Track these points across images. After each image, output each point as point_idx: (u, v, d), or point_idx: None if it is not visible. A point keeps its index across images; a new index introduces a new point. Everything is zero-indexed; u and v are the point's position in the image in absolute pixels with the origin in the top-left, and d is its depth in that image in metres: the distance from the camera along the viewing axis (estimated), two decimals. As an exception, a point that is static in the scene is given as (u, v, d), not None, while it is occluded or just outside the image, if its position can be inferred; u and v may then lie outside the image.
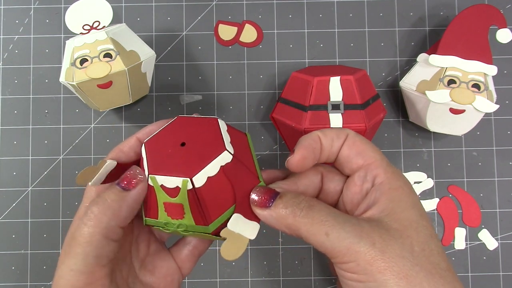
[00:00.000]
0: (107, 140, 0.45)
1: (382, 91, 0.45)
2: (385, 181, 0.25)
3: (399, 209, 0.24)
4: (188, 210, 0.25)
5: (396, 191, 0.25)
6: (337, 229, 0.23)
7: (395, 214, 0.24)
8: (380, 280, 0.22)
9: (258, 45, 0.46)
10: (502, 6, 0.45)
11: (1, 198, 0.44)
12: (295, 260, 0.44)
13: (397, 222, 0.24)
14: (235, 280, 0.44)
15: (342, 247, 0.23)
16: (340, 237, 0.23)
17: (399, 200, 0.24)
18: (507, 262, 0.44)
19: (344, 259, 0.23)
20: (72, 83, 0.37)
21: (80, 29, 0.39)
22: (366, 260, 0.22)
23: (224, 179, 0.25)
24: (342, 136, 0.27)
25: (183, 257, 0.31)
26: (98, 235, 0.24)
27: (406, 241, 0.23)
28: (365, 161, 0.26)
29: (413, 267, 0.22)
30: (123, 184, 0.25)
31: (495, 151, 0.45)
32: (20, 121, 0.45)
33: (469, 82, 0.39)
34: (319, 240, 0.23)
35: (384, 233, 0.23)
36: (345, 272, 0.23)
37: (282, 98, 0.41)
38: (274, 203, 0.25)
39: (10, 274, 0.44)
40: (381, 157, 0.26)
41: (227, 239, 0.25)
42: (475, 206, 0.44)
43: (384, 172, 0.25)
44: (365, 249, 0.22)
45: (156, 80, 0.45)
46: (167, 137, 0.27)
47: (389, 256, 0.22)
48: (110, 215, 0.24)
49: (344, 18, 0.46)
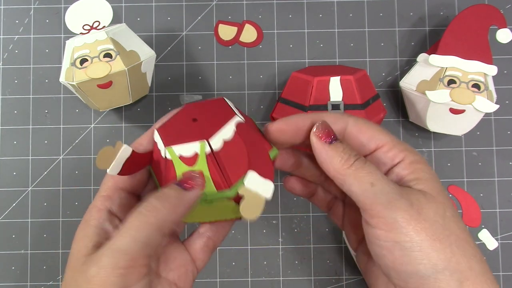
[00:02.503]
0: (107, 140, 0.45)
1: (382, 91, 0.45)
2: (404, 158, 0.26)
3: (425, 178, 0.25)
4: (208, 176, 0.25)
5: (417, 164, 0.26)
6: (382, 183, 0.24)
7: (424, 183, 0.25)
8: (416, 240, 0.23)
9: (258, 45, 0.46)
10: (502, 6, 0.45)
11: (1, 198, 0.44)
12: (295, 260, 0.44)
13: (429, 189, 0.25)
14: (235, 280, 0.44)
15: (383, 199, 0.23)
16: (384, 190, 0.24)
17: (422, 171, 0.25)
18: (507, 262, 0.44)
19: (382, 213, 0.23)
20: (72, 83, 0.37)
21: (80, 29, 0.39)
22: (404, 218, 0.23)
23: (239, 142, 0.26)
24: (340, 123, 0.27)
25: (197, 249, 0.31)
26: (153, 225, 0.24)
27: (440, 206, 0.24)
28: (377, 145, 0.27)
29: (444, 231, 0.23)
30: (182, 184, 0.25)
31: (495, 151, 0.45)
32: (20, 121, 0.45)
33: (469, 82, 0.39)
34: (364, 188, 0.24)
35: (421, 196, 0.24)
36: (379, 230, 0.24)
37: (282, 98, 0.41)
38: (335, 143, 0.26)
39: (10, 274, 0.44)
40: (391, 137, 0.27)
41: (245, 197, 0.25)
42: (475, 206, 0.44)
43: (399, 151, 0.26)
44: (405, 206, 0.23)
45: (156, 80, 0.45)
46: (178, 119, 0.28)
47: (424, 218, 0.23)
48: (168, 209, 0.25)
49: (344, 18, 0.46)
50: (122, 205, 0.28)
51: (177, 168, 0.26)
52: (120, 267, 0.23)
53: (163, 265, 0.30)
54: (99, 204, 0.27)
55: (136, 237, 0.24)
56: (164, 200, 0.25)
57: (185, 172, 0.26)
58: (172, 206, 0.25)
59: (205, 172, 0.25)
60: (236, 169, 0.26)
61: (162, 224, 0.24)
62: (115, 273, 0.23)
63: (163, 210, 0.24)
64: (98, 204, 0.27)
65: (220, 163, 0.25)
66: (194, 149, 0.25)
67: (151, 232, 0.24)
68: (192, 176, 0.26)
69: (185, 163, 0.25)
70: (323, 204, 0.32)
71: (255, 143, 0.27)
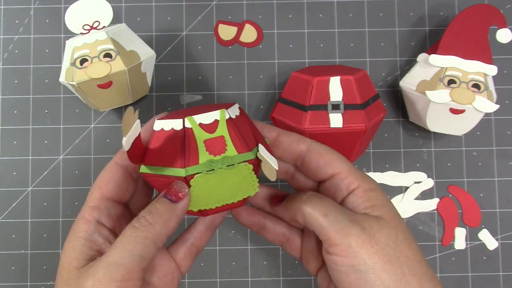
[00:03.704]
0: (107, 140, 0.45)
1: (382, 91, 0.45)
2: (359, 186, 0.28)
3: (379, 205, 0.27)
4: (229, 140, 0.26)
5: (371, 192, 0.27)
6: (334, 212, 0.26)
7: (379, 209, 0.27)
8: (369, 263, 0.24)
9: (258, 45, 0.46)
10: (502, 6, 0.45)
11: (1, 198, 0.44)
12: (295, 260, 0.44)
13: (383, 214, 0.27)
14: (235, 280, 0.44)
15: (337, 227, 0.25)
16: (337, 219, 0.26)
17: (376, 198, 0.27)
18: (507, 262, 0.44)
19: (337, 240, 0.25)
20: (72, 83, 0.37)
21: (80, 29, 0.39)
22: (357, 242, 0.25)
23: (246, 120, 0.28)
24: (302, 145, 0.30)
25: (182, 255, 0.32)
26: (148, 239, 0.25)
27: (392, 230, 0.26)
28: (334, 172, 0.29)
29: (395, 253, 0.25)
30: (171, 197, 0.26)
31: (495, 151, 0.45)
32: (20, 121, 0.45)
33: (469, 82, 0.39)
34: (319, 219, 0.26)
35: (374, 222, 0.26)
36: (337, 256, 0.26)
37: (282, 98, 0.41)
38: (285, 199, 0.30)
39: (10, 274, 0.44)
40: (348, 165, 0.29)
41: (262, 161, 0.27)
42: (475, 206, 0.44)
43: (355, 179, 0.28)
44: (357, 231, 0.25)
45: (156, 80, 0.45)
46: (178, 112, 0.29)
47: (376, 242, 0.25)
48: (162, 224, 0.26)
49: (344, 18, 0.46)
50: (110, 215, 0.28)
51: (197, 135, 0.26)
52: (117, 280, 0.24)
53: (150, 272, 0.30)
54: (87, 215, 0.28)
55: (132, 251, 0.25)
56: (158, 216, 0.26)
57: (174, 182, 0.27)
58: (164, 221, 0.26)
59: (226, 136, 0.26)
60: (250, 139, 0.27)
61: (157, 238, 0.25)
62: (112, 286, 0.24)
63: (157, 225, 0.26)
64: (86, 215, 0.28)
65: (239, 129, 0.27)
66: (214, 117, 0.27)
67: (147, 246, 0.25)
68: (179, 187, 0.26)
69: (205, 130, 0.26)
70: (276, 237, 0.32)
71: (253, 126, 0.29)
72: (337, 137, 0.37)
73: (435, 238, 0.44)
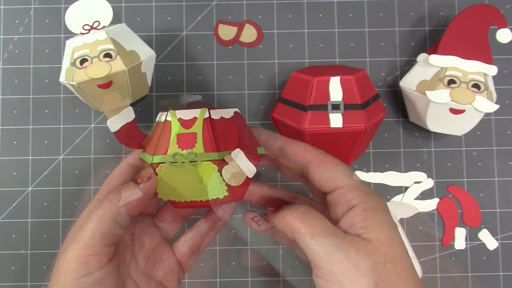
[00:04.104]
0: (107, 140, 0.45)
1: (382, 91, 0.45)
2: (359, 203, 0.27)
3: (374, 227, 0.26)
4: (200, 138, 0.28)
5: (370, 211, 0.27)
6: (321, 236, 0.26)
7: (372, 232, 0.26)
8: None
9: (258, 45, 0.46)
10: (502, 6, 0.45)
11: (1, 198, 0.44)
12: (295, 260, 0.44)
13: (374, 239, 0.25)
14: (235, 280, 0.44)
15: (322, 251, 0.25)
16: (323, 242, 0.25)
17: (373, 219, 0.26)
18: (507, 262, 0.44)
19: (321, 264, 0.25)
20: (72, 83, 0.37)
21: (80, 29, 0.39)
22: (340, 269, 0.24)
23: (234, 124, 0.29)
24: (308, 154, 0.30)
25: (183, 252, 0.34)
26: (109, 216, 0.28)
27: (380, 257, 0.25)
28: (336, 185, 0.28)
29: (382, 282, 0.24)
30: (137, 180, 0.29)
31: (495, 151, 0.45)
32: (20, 121, 0.45)
33: (469, 82, 0.39)
34: (306, 240, 0.26)
35: (361, 248, 0.25)
36: (321, 280, 0.25)
37: (282, 98, 0.41)
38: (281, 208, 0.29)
39: (10, 274, 0.44)
40: (352, 180, 0.28)
41: (229, 163, 0.28)
42: (475, 206, 0.44)
43: (357, 195, 0.27)
44: (341, 258, 0.24)
45: (156, 80, 0.45)
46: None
47: (360, 270, 0.24)
48: (121, 201, 0.28)
49: (344, 18, 0.46)
50: None
51: (173, 127, 0.28)
52: (82, 256, 0.26)
53: (151, 265, 0.32)
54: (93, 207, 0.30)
55: (95, 228, 0.27)
56: (119, 196, 0.28)
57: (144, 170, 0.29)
58: (124, 199, 0.28)
59: (199, 134, 0.28)
60: (227, 142, 0.28)
61: (117, 215, 0.28)
62: (76, 262, 0.26)
63: (115, 203, 0.28)
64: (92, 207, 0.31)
65: (214, 130, 0.28)
66: (194, 114, 0.28)
67: (106, 223, 0.27)
68: (146, 172, 0.29)
69: (182, 125, 0.28)
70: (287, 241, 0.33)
71: (246, 133, 0.30)
72: (337, 137, 0.37)
73: (435, 238, 0.44)
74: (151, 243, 0.33)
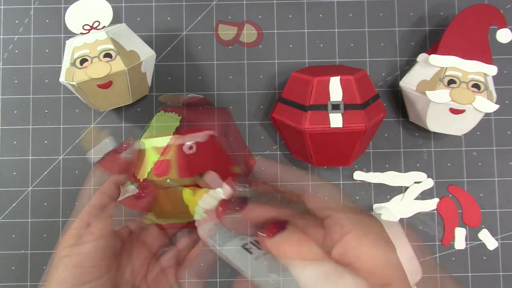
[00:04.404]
0: (107, 140, 0.45)
1: (382, 91, 0.45)
2: (351, 232, 0.27)
3: (365, 255, 0.26)
4: (175, 165, 0.29)
5: (362, 239, 0.27)
6: (311, 267, 0.27)
7: (361, 262, 0.26)
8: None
9: (258, 45, 0.46)
10: (502, 6, 0.45)
11: (1, 198, 0.44)
12: (295, 260, 0.44)
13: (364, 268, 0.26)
14: (235, 280, 0.44)
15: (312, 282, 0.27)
16: (311, 275, 0.27)
17: (365, 246, 0.26)
18: (507, 262, 0.44)
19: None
20: (72, 83, 0.37)
21: (80, 29, 0.39)
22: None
23: (210, 148, 0.31)
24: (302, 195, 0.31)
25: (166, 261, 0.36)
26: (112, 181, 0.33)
27: (376, 282, 0.25)
28: (329, 212, 0.29)
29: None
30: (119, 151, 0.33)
31: (495, 151, 0.45)
32: (20, 121, 0.45)
33: (469, 82, 0.39)
34: (297, 271, 0.28)
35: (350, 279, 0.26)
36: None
37: (282, 98, 0.41)
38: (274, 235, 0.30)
39: (10, 274, 0.44)
40: (343, 208, 0.28)
41: (202, 188, 0.29)
42: (475, 206, 0.44)
43: (349, 222, 0.27)
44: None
45: (156, 80, 0.45)
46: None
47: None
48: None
49: (344, 18, 0.46)
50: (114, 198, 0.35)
51: (149, 156, 0.30)
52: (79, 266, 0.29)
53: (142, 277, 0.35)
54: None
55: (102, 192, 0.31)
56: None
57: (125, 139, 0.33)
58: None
59: (173, 160, 0.29)
60: (200, 166, 0.30)
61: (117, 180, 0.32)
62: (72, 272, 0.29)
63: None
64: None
65: (187, 155, 0.29)
66: (167, 141, 0.30)
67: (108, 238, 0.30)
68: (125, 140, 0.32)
69: (158, 152, 0.30)
70: None
71: (220, 155, 0.32)
72: (337, 137, 0.37)
73: (435, 238, 0.44)
74: (139, 256, 0.35)
